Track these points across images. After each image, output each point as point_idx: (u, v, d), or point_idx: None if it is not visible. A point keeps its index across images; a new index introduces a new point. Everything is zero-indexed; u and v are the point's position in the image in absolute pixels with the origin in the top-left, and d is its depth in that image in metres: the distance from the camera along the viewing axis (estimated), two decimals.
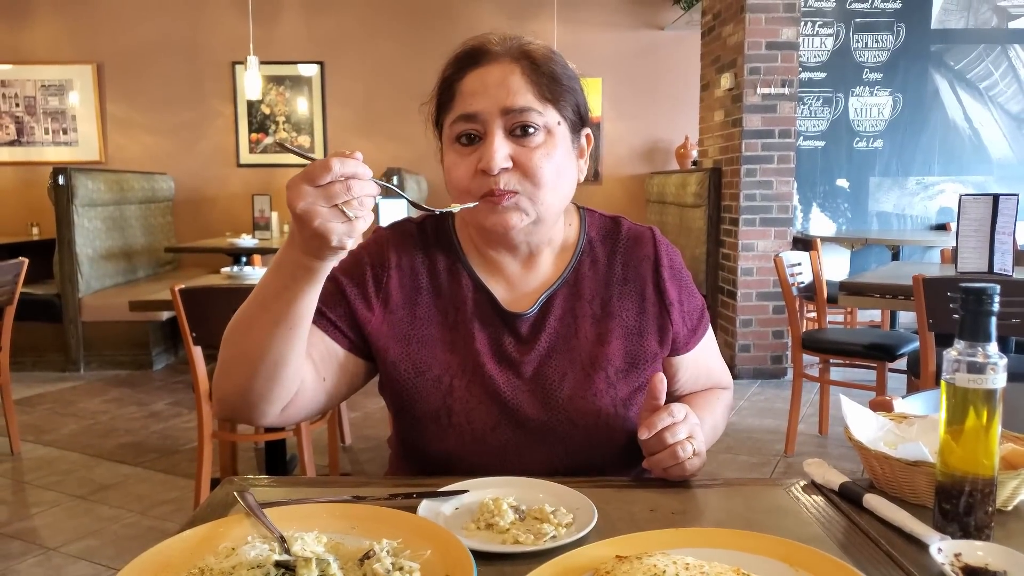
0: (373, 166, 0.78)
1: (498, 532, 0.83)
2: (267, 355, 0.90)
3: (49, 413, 4.05)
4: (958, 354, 0.79)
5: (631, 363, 1.06)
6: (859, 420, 1.00)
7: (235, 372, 0.94)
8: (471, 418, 1.03)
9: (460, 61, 1.01)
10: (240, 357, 0.92)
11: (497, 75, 0.98)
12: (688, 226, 5.28)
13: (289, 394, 0.96)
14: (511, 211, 0.98)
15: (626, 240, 1.12)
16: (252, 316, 0.90)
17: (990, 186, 5.66)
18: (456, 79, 1.01)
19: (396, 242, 1.10)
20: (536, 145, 0.98)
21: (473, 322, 1.06)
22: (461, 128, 0.99)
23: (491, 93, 0.97)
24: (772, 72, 4.49)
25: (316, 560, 0.70)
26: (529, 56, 1.00)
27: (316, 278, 0.85)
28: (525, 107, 0.97)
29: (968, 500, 0.80)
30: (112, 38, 6.15)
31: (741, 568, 0.71)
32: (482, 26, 5.87)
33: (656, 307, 1.09)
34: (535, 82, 0.98)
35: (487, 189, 0.97)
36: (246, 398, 0.95)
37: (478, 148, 0.98)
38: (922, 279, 2.55)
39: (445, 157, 1.03)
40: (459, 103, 0.99)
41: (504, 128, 0.98)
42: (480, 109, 0.97)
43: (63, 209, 4.74)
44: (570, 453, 1.05)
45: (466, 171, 0.99)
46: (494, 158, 0.96)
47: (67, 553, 2.49)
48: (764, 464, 3.30)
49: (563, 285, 1.09)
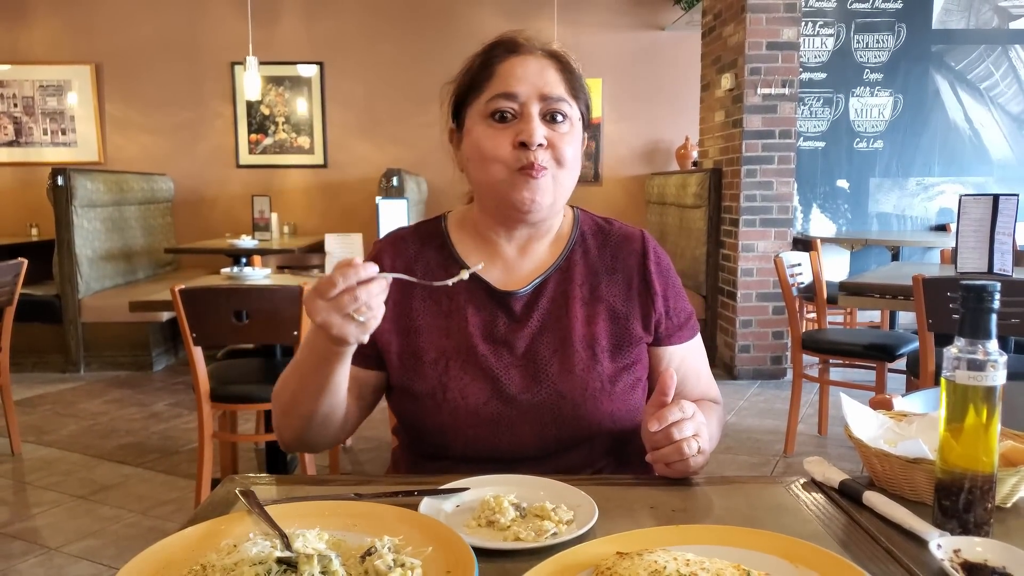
0: (373, 167, 0.79)
1: (499, 529, 0.83)
2: (315, 414, 1.04)
3: (49, 414, 4.05)
4: (958, 351, 0.79)
5: (616, 344, 1.13)
6: (859, 418, 1.00)
7: (291, 427, 1.09)
8: (465, 394, 1.09)
9: (497, 47, 1.11)
10: (292, 416, 1.07)
11: (535, 66, 1.09)
12: (688, 227, 5.28)
13: (340, 431, 1.12)
14: (542, 188, 1.07)
15: (617, 236, 1.20)
16: (295, 386, 1.04)
17: (990, 187, 5.66)
18: (495, 62, 1.10)
19: (390, 249, 1.19)
20: (565, 132, 1.08)
21: (467, 308, 1.13)
22: (500, 105, 1.07)
23: (531, 80, 1.07)
24: (773, 72, 4.49)
25: (318, 557, 0.70)
26: (558, 56, 1.11)
27: (345, 358, 0.97)
28: (560, 97, 1.08)
29: (968, 497, 0.80)
30: (111, 38, 6.15)
31: (742, 565, 0.71)
32: (482, 27, 5.87)
33: (641, 295, 1.16)
34: (566, 79, 1.10)
35: (526, 162, 1.05)
36: (305, 443, 1.12)
37: (513, 125, 1.07)
38: (922, 279, 2.56)
39: (476, 131, 1.09)
40: (498, 83, 1.08)
41: (539, 113, 1.07)
42: (521, 90, 1.07)
43: (62, 210, 4.74)
44: (559, 426, 1.09)
45: (503, 143, 1.06)
46: (535, 131, 1.05)
47: (68, 553, 2.50)
48: (764, 464, 3.30)
49: (556, 271, 1.16)
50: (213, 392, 2.57)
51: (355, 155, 6.32)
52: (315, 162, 6.34)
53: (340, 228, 5.16)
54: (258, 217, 5.40)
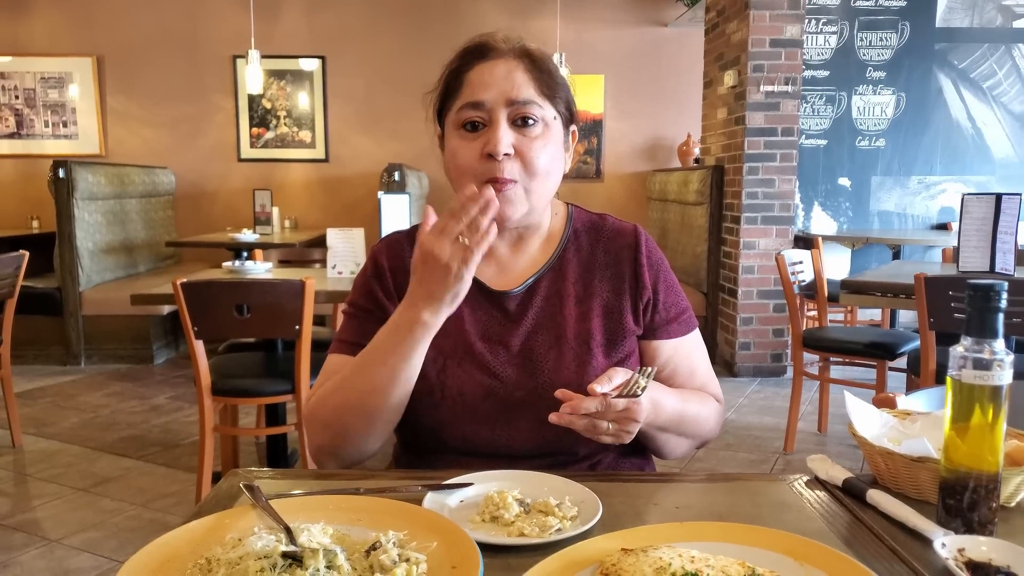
0: (375, 162, 0.80)
1: (503, 525, 0.83)
2: (388, 407, 1.04)
3: (50, 406, 4.05)
4: (964, 350, 0.79)
5: (610, 339, 1.14)
6: (863, 416, 1.00)
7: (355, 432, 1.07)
8: (463, 390, 1.10)
9: (468, 54, 1.09)
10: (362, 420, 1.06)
11: (503, 69, 1.07)
12: (690, 224, 5.28)
13: (390, 431, 1.10)
14: (511, 200, 1.06)
15: (610, 231, 1.20)
16: (370, 375, 1.04)
17: (992, 186, 5.65)
18: (464, 69, 1.08)
19: (387, 251, 1.20)
20: (535, 136, 1.07)
21: (463, 307, 1.12)
22: (468, 115, 1.06)
23: (498, 85, 1.06)
24: (775, 70, 4.49)
25: (323, 551, 0.70)
26: (530, 55, 1.09)
27: (429, 332, 1.00)
28: (528, 99, 1.06)
29: (972, 496, 0.80)
30: (112, 31, 6.14)
31: (746, 561, 0.71)
32: (484, 23, 5.86)
33: (632, 288, 1.16)
34: (536, 78, 1.08)
35: (491, 175, 1.04)
36: (368, 446, 1.09)
37: (482, 134, 1.06)
38: (924, 278, 2.56)
39: (449, 142, 1.10)
40: (467, 91, 1.07)
41: (508, 118, 1.06)
42: (487, 98, 1.05)
43: (63, 202, 4.73)
44: None
45: (472, 154, 1.06)
46: (501, 141, 1.04)
47: (69, 545, 2.50)
48: (763, 462, 3.31)
49: (549, 270, 1.17)
50: (214, 385, 2.57)
51: (356, 149, 6.32)
52: (316, 156, 6.33)
53: (341, 223, 5.15)
54: (259, 211, 5.39)
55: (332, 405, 1.07)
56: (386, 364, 1.02)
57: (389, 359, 1.02)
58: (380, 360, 1.03)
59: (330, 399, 1.07)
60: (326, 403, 1.08)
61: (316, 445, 1.10)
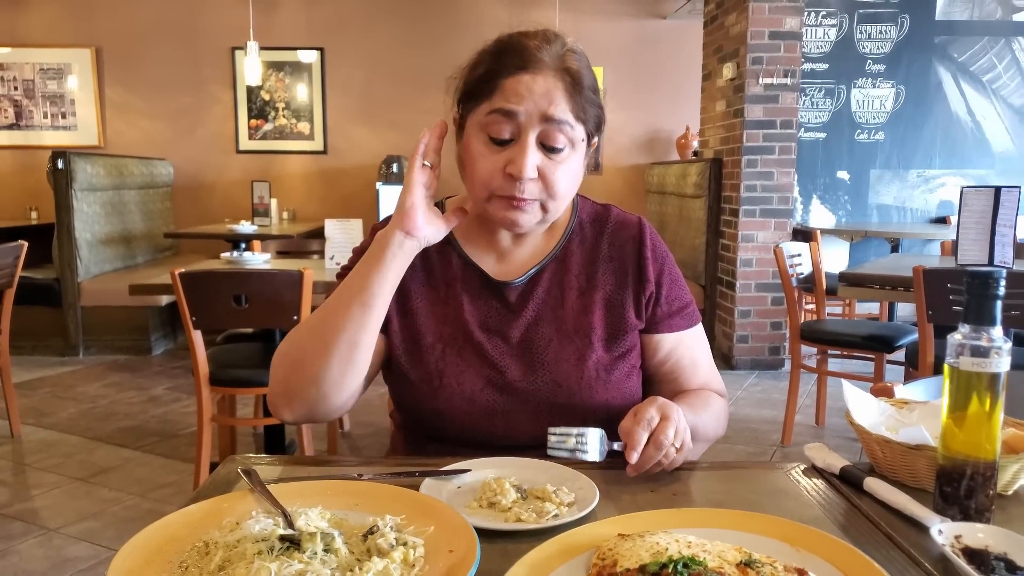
0: (373, 154, 0.80)
1: (500, 510, 0.84)
2: (346, 338, 1.00)
3: (49, 397, 4.05)
4: (962, 338, 0.79)
5: (612, 332, 1.13)
6: (860, 405, 1.00)
7: (311, 363, 1.01)
8: (461, 380, 1.10)
9: (507, 58, 1.03)
10: (319, 346, 1.01)
11: (543, 85, 1.01)
12: (688, 216, 5.28)
13: (359, 381, 1.05)
14: (525, 214, 1.04)
15: (615, 223, 1.19)
16: (337, 304, 1.02)
17: (991, 179, 5.65)
18: (501, 74, 1.03)
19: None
20: (562, 160, 1.03)
21: (463, 295, 1.13)
22: (498, 122, 1.01)
23: (535, 99, 1.01)
24: (774, 62, 4.48)
25: (320, 534, 0.70)
26: (571, 73, 1.04)
27: (407, 255, 1.02)
28: (563, 120, 1.02)
29: (969, 483, 0.80)
30: (111, 22, 6.11)
31: (743, 547, 0.71)
32: (482, 15, 5.82)
33: (635, 282, 1.15)
34: (574, 100, 1.03)
35: (510, 193, 1.02)
36: (321, 388, 1.02)
37: (507, 150, 1.02)
38: (922, 270, 2.56)
39: (471, 142, 1.05)
40: (500, 97, 1.02)
41: (537, 137, 1.01)
42: (521, 110, 1.00)
43: (62, 193, 4.72)
44: (554, 415, 1.09)
45: (493, 168, 1.02)
46: (527, 166, 1.00)
47: (68, 534, 2.50)
48: (761, 454, 3.31)
49: (552, 261, 1.15)
50: (212, 376, 2.57)
51: (355, 141, 6.30)
52: (315, 148, 6.32)
53: (340, 214, 5.15)
54: (258, 203, 5.39)
55: (294, 338, 1.05)
56: (354, 293, 1.02)
57: (353, 282, 1.03)
58: (344, 287, 1.04)
59: (294, 333, 1.06)
60: (290, 336, 1.06)
61: (273, 382, 1.06)
